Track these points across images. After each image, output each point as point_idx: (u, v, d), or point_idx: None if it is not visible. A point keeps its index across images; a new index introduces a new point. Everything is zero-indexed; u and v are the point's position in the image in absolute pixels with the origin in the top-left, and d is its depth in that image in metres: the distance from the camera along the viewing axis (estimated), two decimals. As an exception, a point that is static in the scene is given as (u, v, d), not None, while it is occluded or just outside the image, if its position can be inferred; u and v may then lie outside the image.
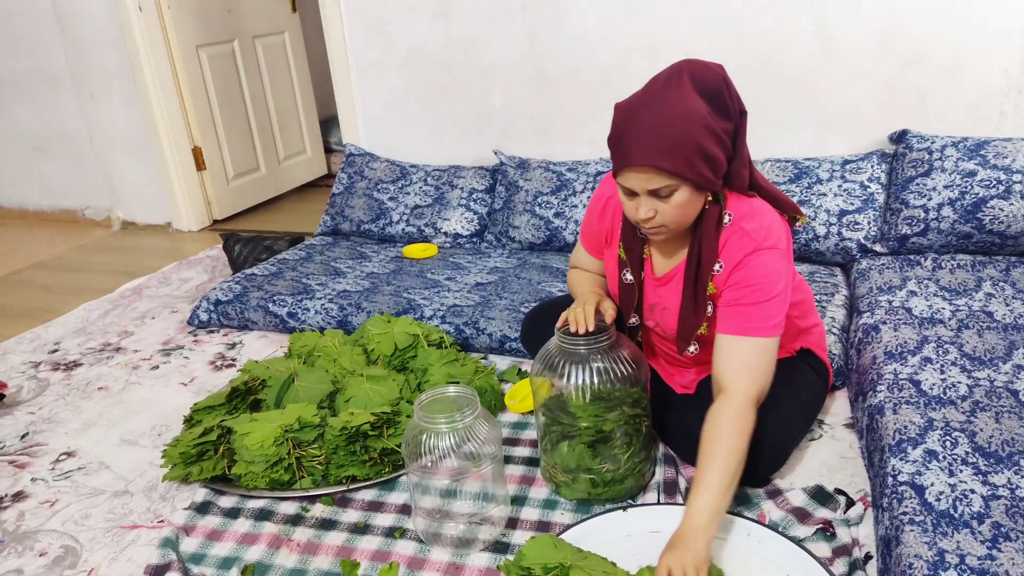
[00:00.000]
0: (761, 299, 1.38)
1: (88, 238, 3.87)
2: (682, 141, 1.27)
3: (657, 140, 1.28)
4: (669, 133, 1.27)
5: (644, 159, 1.29)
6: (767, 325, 1.39)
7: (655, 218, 1.36)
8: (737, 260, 1.40)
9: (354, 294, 2.44)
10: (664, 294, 1.54)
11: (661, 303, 1.55)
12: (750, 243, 1.40)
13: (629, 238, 1.54)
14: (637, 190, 1.34)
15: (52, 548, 1.54)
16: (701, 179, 1.31)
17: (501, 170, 2.94)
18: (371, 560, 1.43)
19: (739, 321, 1.40)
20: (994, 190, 2.20)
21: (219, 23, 3.80)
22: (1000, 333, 1.75)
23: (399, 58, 3.13)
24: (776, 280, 1.39)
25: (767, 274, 1.39)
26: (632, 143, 1.30)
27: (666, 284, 1.53)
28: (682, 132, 1.27)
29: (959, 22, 2.41)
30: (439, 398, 1.44)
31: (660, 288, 1.54)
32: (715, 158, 1.32)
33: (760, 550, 1.34)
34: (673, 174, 1.29)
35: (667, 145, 1.27)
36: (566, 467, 1.51)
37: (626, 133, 1.32)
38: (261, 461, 1.60)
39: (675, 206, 1.34)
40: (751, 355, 1.39)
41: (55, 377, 2.27)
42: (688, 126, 1.27)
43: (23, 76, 3.86)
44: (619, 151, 1.34)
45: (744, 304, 1.39)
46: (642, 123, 1.30)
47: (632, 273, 1.54)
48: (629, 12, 2.74)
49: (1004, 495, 1.26)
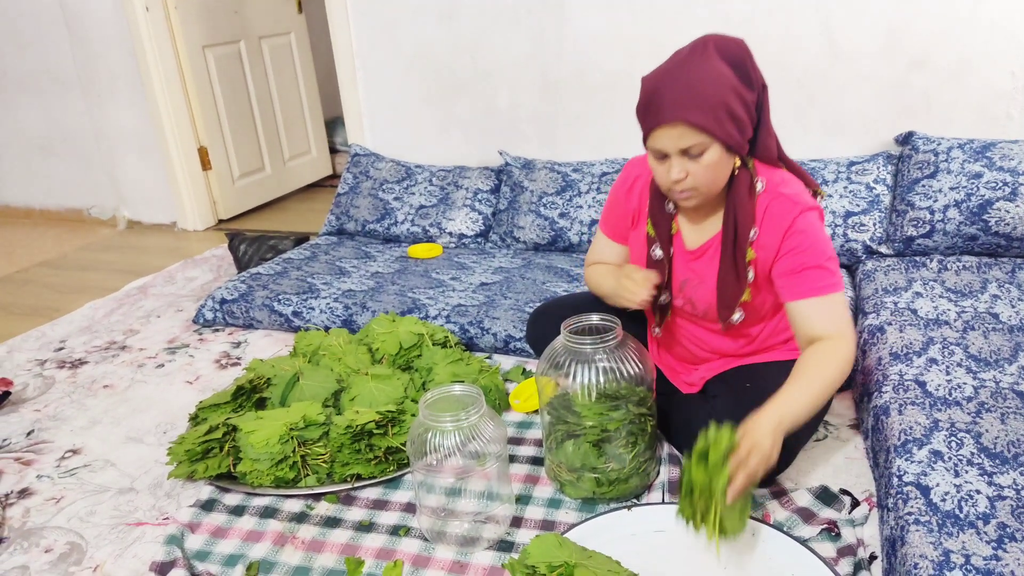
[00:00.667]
0: (821, 258, 1.43)
1: (94, 237, 3.88)
2: (711, 99, 1.31)
3: (688, 96, 1.31)
4: (699, 90, 1.31)
5: (676, 114, 1.32)
6: (833, 281, 1.43)
7: (686, 180, 1.38)
8: (786, 225, 1.43)
9: (359, 293, 2.44)
10: (698, 268, 1.54)
11: (694, 278, 1.55)
12: (794, 206, 1.43)
13: (657, 213, 1.55)
14: (668, 150, 1.37)
15: (57, 545, 1.54)
16: (730, 139, 1.35)
17: (506, 170, 2.94)
18: (376, 558, 1.43)
19: (810, 283, 1.42)
20: (1000, 192, 2.20)
21: (226, 24, 3.81)
22: (1006, 335, 1.75)
23: (405, 59, 3.14)
24: (826, 238, 1.45)
25: (817, 233, 1.44)
26: (663, 101, 1.33)
27: (699, 258, 1.54)
28: (711, 91, 1.32)
29: (965, 24, 2.40)
30: (444, 397, 1.44)
31: (693, 262, 1.55)
32: (742, 120, 1.36)
33: (765, 550, 1.33)
34: (704, 130, 1.32)
35: (697, 101, 1.31)
36: (571, 466, 1.51)
37: (656, 94, 1.35)
38: (266, 459, 1.60)
39: (706, 166, 1.37)
40: (834, 310, 1.43)
41: (61, 375, 2.28)
42: (716, 86, 1.32)
43: (30, 76, 3.88)
44: (649, 112, 1.37)
45: (808, 267, 1.42)
46: (672, 83, 1.33)
47: (662, 248, 1.55)
48: (634, 15, 2.75)
49: (1010, 496, 1.25)
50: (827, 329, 1.42)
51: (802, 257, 1.43)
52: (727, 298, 1.50)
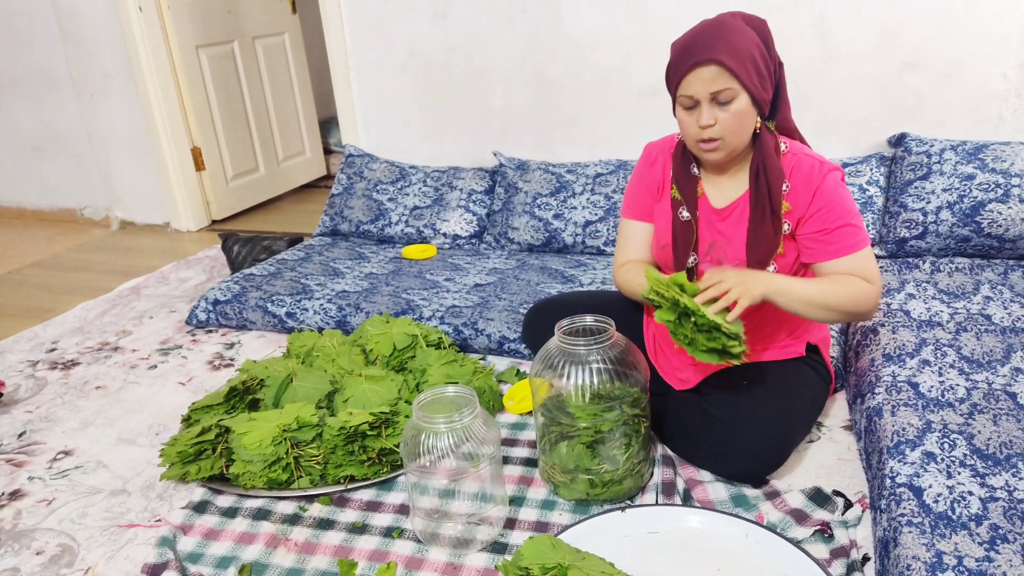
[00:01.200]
0: (848, 216, 1.49)
1: (87, 238, 3.87)
2: (742, 48, 1.40)
3: (721, 42, 1.40)
4: (730, 39, 1.40)
5: (709, 53, 1.39)
6: (861, 237, 1.50)
7: (715, 127, 1.43)
8: (815, 185, 1.49)
9: (353, 294, 2.44)
10: (726, 228, 1.57)
11: (722, 239, 1.57)
12: (821, 165, 1.50)
13: (682, 177, 1.60)
14: (699, 95, 1.42)
15: (49, 547, 1.53)
16: (756, 90, 1.42)
17: (500, 171, 2.94)
18: (369, 560, 1.43)
19: (840, 243, 1.49)
20: (992, 194, 2.20)
21: (219, 24, 3.80)
22: (998, 336, 1.75)
23: (399, 59, 3.13)
24: (850, 197, 1.52)
25: (843, 192, 1.50)
26: (697, 45, 1.41)
27: (727, 218, 1.57)
28: (741, 42, 1.41)
29: (958, 26, 2.41)
30: (438, 398, 1.44)
31: (721, 223, 1.57)
32: (766, 78, 1.44)
33: (758, 551, 1.34)
34: (734, 73, 1.39)
35: (729, 47, 1.39)
36: (564, 467, 1.51)
37: (689, 43, 1.43)
38: (259, 460, 1.60)
39: (734, 114, 1.43)
40: (865, 264, 1.49)
41: (53, 376, 2.27)
42: (745, 41, 1.41)
43: (22, 75, 3.87)
44: (682, 60, 1.43)
45: (837, 227, 1.48)
46: (705, 33, 1.42)
47: (688, 210, 1.58)
48: (628, 14, 2.75)
49: (1002, 497, 1.26)
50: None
51: (831, 216, 1.49)
52: (760, 252, 1.52)
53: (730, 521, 1.39)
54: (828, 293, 1.45)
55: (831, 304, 1.45)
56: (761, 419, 1.49)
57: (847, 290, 1.46)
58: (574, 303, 1.87)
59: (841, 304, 1.45)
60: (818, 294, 1.45)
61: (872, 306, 1.49)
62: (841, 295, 1.46)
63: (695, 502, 1.50)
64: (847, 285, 1.47)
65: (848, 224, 1.49)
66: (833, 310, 1.46)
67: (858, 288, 1.46)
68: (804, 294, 1.44)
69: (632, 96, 2.85)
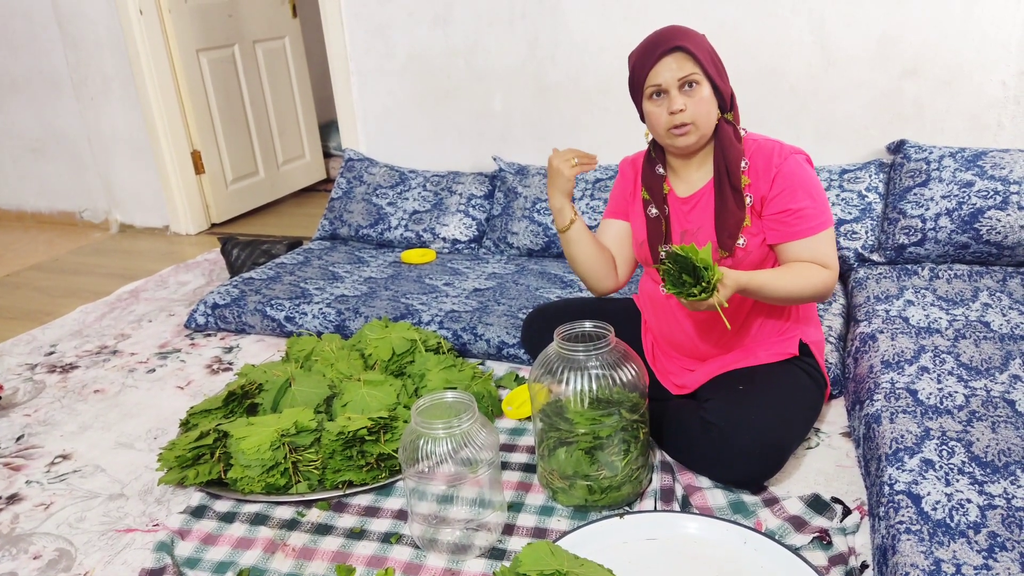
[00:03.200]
0: (806, 199, 1.54)
1: (86, 240, 3.87)
2: (700, 42, 1.53)
3: (680, 35, 1.52)
4: (688, 33, 1.53)
5: (673, 42, 1.50)
6: (821, 220, 1.55)
7: (685, 112, 1.51)
8: (774, 168, 1.55)
9: (352, 299, 2.44)
10: (694, 217, 1.63)
11: (693, 225, 1.63)
12: (780, 148, 1.57)
13: (649, 177, 1.68)
14: (667, 83, 1.51)
15: (46, 551, 1.53)
16: (718, 80, 1.52)
17: (500, 176, 2.95)
18: (367, 566, 1.42)
19: (799, 225, 1.54)
20: (991, 201, 2.21)
21: (220, 27, 3.80)
22: (997, 343, 1.75)
23: (399, 64, 3.14)
24: (814, 178, 1.57)
25: (804, 174, 1.55)
26: (660, 40, 1.52)
27: (694, 206, 1.63)
28: (697, 37, 1.53)
29: (957, 34, 2.42)
30: (437, 403, 1.44)
31: (690, 212, 1.64)
32: (724, 75, 1.56)
33: (756, 558, 1.34)
34: (698, 60, 1.50)
35: (689, 39, 1.51)
36: (563, 473, 1.51)
37: (652, 42, 1.54)
38: (257, 465, 1.59)
39: (700, 100, 1.51)
40: (821, 248, 1.55)
41: (51, 379, 2.27)
42: (701, 38, 1.54)
43: (22, 77, 3.87)
44: (648, 54, 1.53)
45: (797, 210, 1.54)
46: (663, 33, 1.54)
47: (656, 207, 1.66)
48: (628, 20, 2.75)
49: (1000, 505, 1.26)
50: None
51: (791, 198, 1.54)
52: (729, 226, 1.57)
53: (728, 528, 1.39)
54: (792, 287, 1.53)
55: (793, 296, 1.54)
56: (758, 424, 1.49)
57: (805, 282, 1.53)
58: (573, 309, 1.88)
59: (803, 295, 1.55)
60: (783, 288, 1.52)
61: (828, 291, 1.57)
62: (804, 288, 1.53)
63: (693, 508, 1.50)
64: (807, 277, 1.54)
65: (807, 207, 1.54)
66: (795, 299, 1.56)
67: (816, 277, 1.54)
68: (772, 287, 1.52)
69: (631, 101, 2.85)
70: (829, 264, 1.56)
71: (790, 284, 1.53)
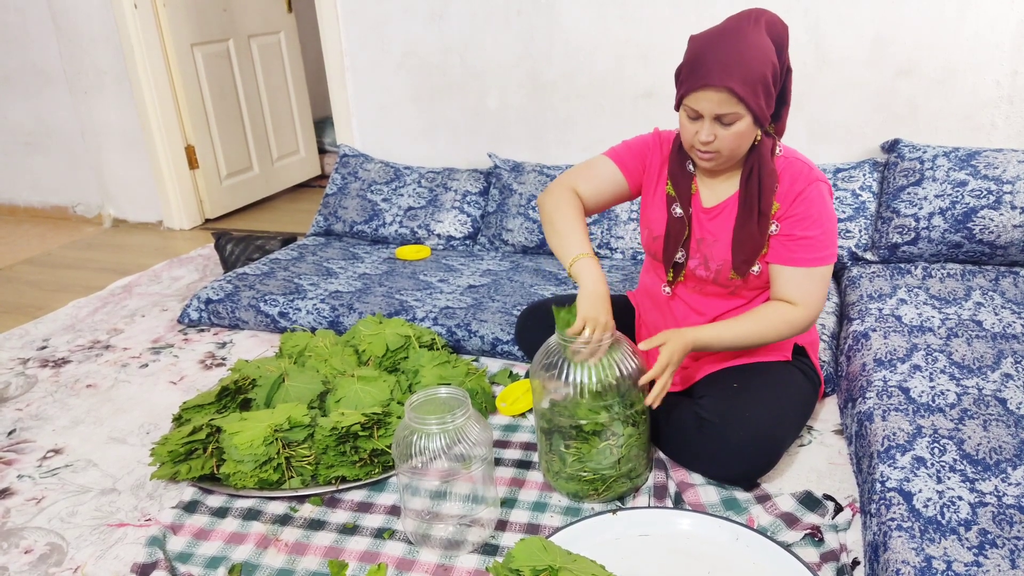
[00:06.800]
0: (818, 230, 1.50)
1: (79, 235, 3.85)
2: (755, 72, 1.39)
3: (736, 66, 1.38)
4: (746, 61, 1.38)
5: (723, 80, 1.37)
6: (824, 255, 1.52)
7: (713, 143, 1.45)
8: (798, 190, 1.51)
9: (346, 295, 2.44)
10: (713, 228, 1.59)
11: (709, 237, 1.59)
12: (809, 171, 1.52)
13: (678, 173, 1.60)
14: (705, 113, 1.43)
15: (38, 545, 1.53)
16: (761, 112, 1.42)
17: (495, 173, 2.94)
18: (359, 561, 1.42)
19: (801, 253, 1.51)
20: (984, 200, 2.21)
21: (214, 22, 3.79)
22: (989, 342, 1.76)
23: (394, 60, 3.13)
24: (830, 211, 1.53)
25: (822, 204, 1.51)
26: (712, 64, 1.39)
27: (715, 217, 1.59)
28: (756, 64, 1.39)
29: (951, 34, 2.43)
30: (430, 399, 1.44)
31: (709, 222, 1.59)
32: (773, 95, 1.45)
33: (748, 554, 1.34)
34: (742, 100, 1.39)
35: (743, 71, 1.38)
36: (562, 465, 1.51)
37: (705, 55, 1.40)
38: (250, 460, 1.59)
39: (734, 134, 1.44)
40: (811, 283, 1.52)
41: (43, 374, 2.26)
42: (760, 61, 1.39)
43: (15, 71, 3.85)
44: (695, 72, 1.41)
45: (804, 237, 1.51)
46: (722, 48, 1.39)
47: (682, 207, 1.60)
48: (623, 18, 2.75)
49: (991, 502, 1.27)
50: (794, 297, 1.53)
51: (802, 225, 1.51)
52: (746, 252, 1.55)
53: (721, 524, 1.39)
54: (752, 335, 1.53)
55: (755, 342, 1.54)
56: (751, 421, 1.50)
57: (771, 330, 1.53)
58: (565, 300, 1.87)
59: (766, 339, 1.54)
60: (742, 337, 1.53)
61: (800, 330, 1.55)
62: (766, 333, 1.53)
63: (686, 505, 1.51)
64: (772, 321, 1.53)
65: (815, 238, 1.51)
66: (758, 344, 1.55)
67: (783, 320, 1.53)
68: (728, 340, 1.53)
69: (627, 99, 2.86)
70: (809, 303, 1.53)
71: (750, 332, 1.52)
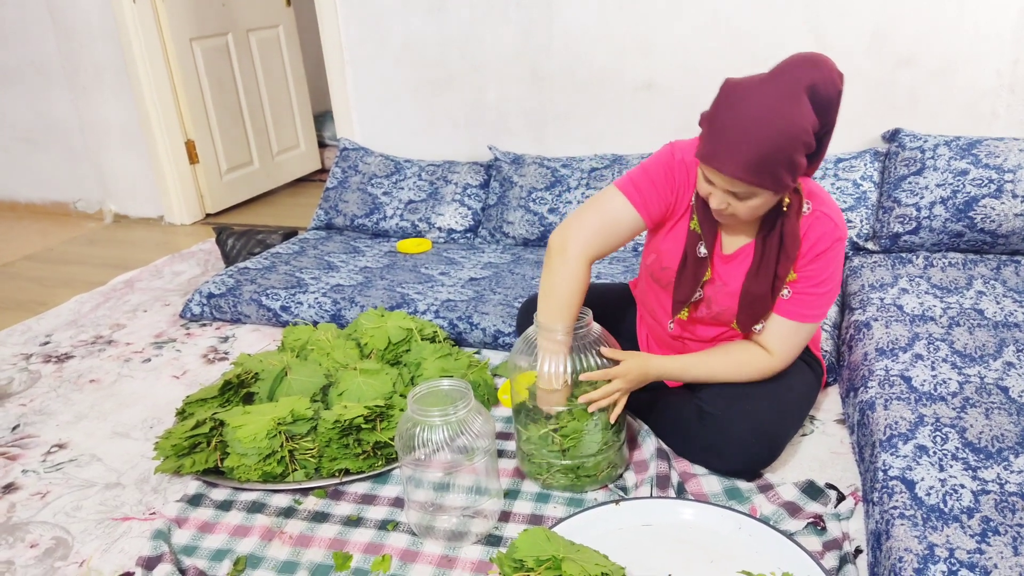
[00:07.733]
0: (825, 288, 1.49)
1: (80, 231, 3.86)
2: (776, 158, 1.26)
3: (751, 155, 1.26)
4: (766, 150, 1.25)
5: (733, 171, 1.28)
6: (818, 313, 1.51)
7: (727, 209, 1.39)
8: (820, 250, 1.46)
9: (347, 288, 2.44)
10: (726, 272, 1.54)
11: (721, 279, 1.55)
12: (835, 230, 1.46)
13: (703, 210, 1.48)
14: (716, 184, 1.35)
15: (43, 540, 1.53)
16: (781, 188, 1.33)
17: (495, 165, 2.94)
18: (364, 552, 1.43)
19: (798, 307, 1.50)
20: (986, 189, 2.21)
21: (213, 16, 3.78)
22: (990, 331, 1.76)
23: (394, 53, 3.13)
24: (840, 270, 1.52)
25: (837, 265, 1.49)
26: (726, 148, 1.28)
27: (730, 263, 1.54)
28: (779, 150, 1.25)
29: (951, 23, 2.42)
30: (433, 391, 1.44)
31: (724, 265, 1.54)
32: (800, 167, 1.31)
33: (751, 543, 1.34)
34: (759, 186, 1.30)
35: (759, 162, 1.26)
36: (538, 453, 1.53)
37: (724, 131, 1.28)
38: (254, 454, 1.60)
39: (750, 207, 1.37)
40: (795, 337, 1.52)
41: (47, 369, 2.26)
42: (788, 145, 1.25)
43: (14, 67, 3.84)
44: (710, 143, 1.31)
45: (807, 293, 1.49)
46: (746, 130, 1.26)
47: (707, 247, 1.51)
48: (623, 10, 2.75)
49: (993, 490, 1.27)
50: (773, 347, 1.53)
51: (811, 282, 1.48)
52: (755, 311, 1.50)
53: (724, 514, 1.40)
54: (719, 375, 1.56)
55: (720, 380, 1.56)
56: (753, 414, 1.50)
57: (742, 372, 1.54)
58: None
59: (731, 380, 1.56)
60: (709, 375, 1.56)
61: (763, 376, 1.55)
62: (734, 375, 1.55)
63: (689, 495, 1.51)
64: (742, 367, 1.54)
65: (819, 295, 1.49)
66: (720, 380, 1.56)
67: (754, 368, 1.54)
68: (694, 375, 1.57)
69: (626, 91, 2.85)
70: (785, 357, 1.53)
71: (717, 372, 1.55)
